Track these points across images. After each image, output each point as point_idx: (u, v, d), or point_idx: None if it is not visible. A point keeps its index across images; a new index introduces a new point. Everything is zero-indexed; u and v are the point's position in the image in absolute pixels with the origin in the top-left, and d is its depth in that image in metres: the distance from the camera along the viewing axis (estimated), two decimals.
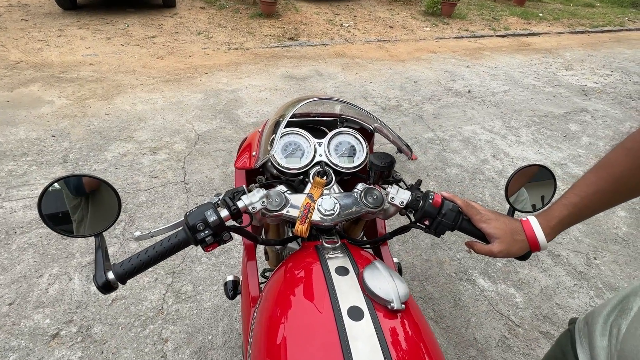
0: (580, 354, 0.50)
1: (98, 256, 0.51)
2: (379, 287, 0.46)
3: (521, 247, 0.55)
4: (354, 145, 0.71)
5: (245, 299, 0.75)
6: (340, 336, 0.41)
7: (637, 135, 0.48)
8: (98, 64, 3.45)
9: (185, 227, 0.52)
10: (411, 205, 0.60)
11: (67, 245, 1.59)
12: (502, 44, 5.32)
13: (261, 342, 0.48)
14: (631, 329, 0.43)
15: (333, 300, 0.46)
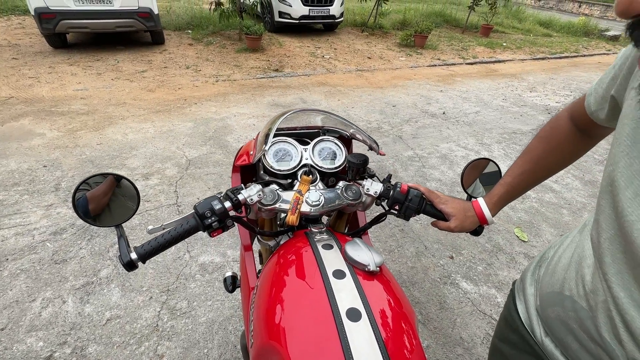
0: (519, 305, 0.60)
1: (121, 243, 0.59)
2: (357, 255, 0.56)
3: (472, 221, 0.67)
4: (334, 150, 0.83)
5: (244, 287, 0.83)
6: (328, 292, 0.50)
7: (546, 127, 0.63)
8: (89, 97, 3.56)
9: (195, 215, 0.61)
10: (383, 194, 0.71)
11: (60, 269, 1.61)
12: (471, 70, 5.76)
13: (261, 313, 0.56)
14: (547, 272, 0.55)
15: (321, 267, 0.55)
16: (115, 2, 4.62)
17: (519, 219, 2.22)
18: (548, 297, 0.52)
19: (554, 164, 0.64)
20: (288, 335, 0.48)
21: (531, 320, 0.57)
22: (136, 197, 0.65)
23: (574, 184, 2.65)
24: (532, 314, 0.56)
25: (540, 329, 0.54)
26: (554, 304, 0.51)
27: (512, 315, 0.61)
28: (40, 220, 1.88)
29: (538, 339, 0.54)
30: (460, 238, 2.01)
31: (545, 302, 0.53)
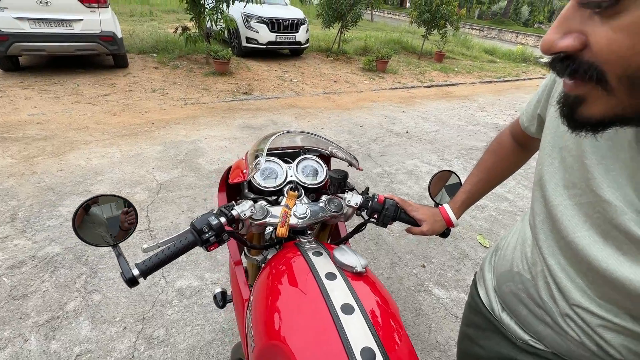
0: (480, 291, 0.70)
1: (121, 260, 0.60)
2: (345, 259, 0.63)
3: (441, 225, 0.77)
4: (315, 167, 0.91)
5: (238, 300, 0.85)
6: (322, 292, 0.56)
7: (494, 142, 0.76)
8: (46, 122, 3.38)
9: (193, 230, 0.64)
10: (363, 205, 0.79)
11: (19, 305, 1.49)
12: (429, 93, 6.23)
13: (261, 317, 0.60)
14: (500, 257, 0.66)
15: (313, 271, 0.61)
16: (75, 25, 4.50)
17: (480, 227, 2.41)
18: (502, 276, 0.63)
19: (502, 173, 0.77)
20: (288, 333, 0.53)
21: (490, 300, 0.66)
22: (134, 217, 0.67)
23: (524, 193, 2.93)
24: (491, 295, 0.66)
25: (498, 305, 0.64)
26: (507, 280, 0.61)
27: (475, 300, 0.71)
28: None
29: (497, 315, 0.64)
30: (430, 247, 2.14)
31: (500, 280, 0.64)
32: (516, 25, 23.58)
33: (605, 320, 0.45)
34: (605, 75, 0.29)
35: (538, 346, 0.57)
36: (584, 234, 0.44)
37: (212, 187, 2.53)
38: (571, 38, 0.30)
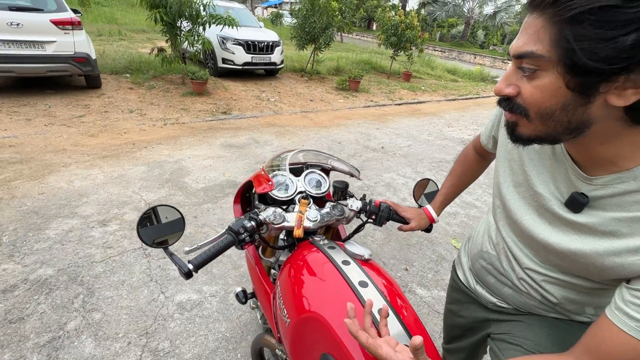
0: (459, 272, 0.90)
1: (175, 259, 0.72)
2: (355, 250, 0.79)
3: (425, 222, 0.97)
4: (319, 179, 1.06)
5: (263, 294, 0.96)
6: (341, 274, 0.71)
7: (461, 155, 0.97)
8: (20, 145, 3.29)
9: (231, 232, 0.77)
10: (363, 209, 0.96)
11: (17, 328, 1.49)
12: (399, 110, 6.65)
13: (292, 298, 0.73)
14: (472, 243, 0.85)
15: (331, 260, 0.75)
16: (47, 47, 4.44)
17: (454, 232, 2.65)
18: (474, 256, 0.82)
19: (469, 178, 0.98)
20: (319, 305, 0.67)
21: (467, 277, 0.85)
22: (182, 224, 0.79)
23: (490, 200, 3.24)
24: (467, 273, 0.86)
25: (472, 279, 0.83)
26: (478, 258, 0.80)
27: (455, 281, 0.89)
28: None
29: (472, 287, 0.83)
30: (411, 252, 2.33)
31: (473, 260, 0.83)
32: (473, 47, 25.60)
33: (546, 276, 0.64)
34: (528, 112, 0.48)
35: (503, 305, 0.76)
36: (527, 217, 0.64)
37: (201, 204, 2.59)
38: (511, 88, 0.49)
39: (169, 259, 0.74)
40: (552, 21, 0.41)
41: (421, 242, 2.48)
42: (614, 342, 0.49)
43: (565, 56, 0.41)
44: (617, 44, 0.37)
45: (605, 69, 0.39)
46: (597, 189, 0.52)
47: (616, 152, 0.48)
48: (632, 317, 0.47)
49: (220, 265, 2.00)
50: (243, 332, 1.60)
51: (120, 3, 17.08)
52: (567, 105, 0.44)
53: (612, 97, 0.41)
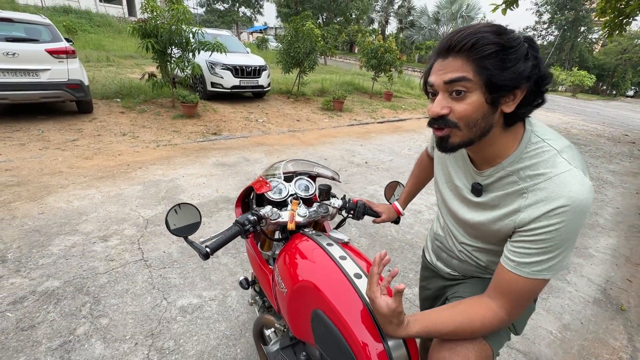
0: (426, 254, 1.11)
1: (194, 245, 0.90)
2: (337, 235, 1.00)
3: (394, 215, 1.19)
4: (307, 184, 1.28)
5: (263, 276, 1.14)
6: (327, 252, 0.91)
7: (419, 159, 1.20)
8: (16, 169, 3.39)
9: (238, 224, 0.97)
10: (343, 206, 1.17)
11: (29, 335, 1.60)
12: (382, 128, 7.02)
13: (287, 271, 0.93)
14: (432, 229, 1.07)
15: (319, 244, 0.96)
16: (42, 74, 4.61)
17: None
18: (433, 239, 1.05)
19: (425, 177, 1.22)
20: (309, 274, 0.86)
21: (430, 256, 1.07)
22: (199, 218, 0.99)
23: None
24: (430, 253, 1.08)
25: (433, 257, 1.05)
26: (435, 239, 1.03)
27: (424, 261, 1.11)
28: None
29: (434, 263, 1.04)
30: (394, 255, 2.54)
31: (432, 241, 1.06)
32: None
33: (473, 246, 0.87)
34: (458, 124, 0.70)
35: (454, 274, 0.98)
36: (453, 203, 0.87)
37: None
38: (445, 109, 0.70)
39: (189, 246, 0.93)
40: (470, 59, 0.63)
41: (403, 246, 2.69)
42: (504, 279, 0.72)
43: (486, 79, 0.63)
44: (519, 69, 0.61)
45: (509, 86, 0.62)
46: (485, 179, 0.77)
47: (495, 151, 0.73)
48: (511, 260, 0.70)
49: (217, 272, 2.15)
50: (241, 330, 1.75)
51: (107, 30, 17.41)
52: (485, 114, 0.67)
53: (504, 107, 0.66)
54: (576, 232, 0.66)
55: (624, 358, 1.88)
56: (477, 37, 0.61)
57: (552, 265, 0.68)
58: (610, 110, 18.54)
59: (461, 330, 0.73)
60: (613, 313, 2.24)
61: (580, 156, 0.71)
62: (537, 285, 0.70)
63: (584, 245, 3.09)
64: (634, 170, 6.06)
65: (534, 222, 0.67)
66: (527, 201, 0.69)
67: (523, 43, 0.62)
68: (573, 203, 0.63)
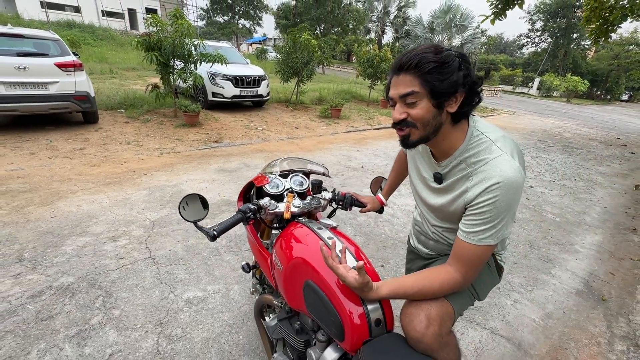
0: (410, 240, 1.26)
1: (203, 230, 1.05)
2: (326, 221, 1.15)
3: (377, 205, 1.35)
4: (301, 180, 1.43)
5: (262, 259, 1.29)
6: (317, 235, 1.06)
7: (397, 156, 1.37)
8: (27, 176, 3.55)
9: (241, 212, 1.12)
10: (333, 199, 1.33)
11: (48, 324, 1.73)
12: (378, 134, 7.21)
13: (284, 251, 1.07)
14: (413, 218, 1.22)
15: (312, 229, 1.11)
16: (50, 87, 4.81)
17: None
18: (414, 225, 1.21)
19: (403, 171, 1.37)
20: (302, 252, 1.02)
21: (413, 240, 1.23)
22: (207, 206, 1.14)
23: None
24: (412, 237, 1.23)
25: (415, 241, 1.20)
26: (415, 225, 1.18)
27: (409, 247, 1.27)
28: (12, 288, 1.95)
29: (415, 246, 1.20)
30: (386, 252, 2.68)
31: (414, 227, 1.22)
32: None
33: (443, 227, 1.02)
34: (416, 124, 0.87)
35: (432, 253, 1.13)
36: (423, 192, 1.03)
37: None
38: (404, 114, 0.88)
39: (199, 230, 1.08)
40: (416, 75, 0.81)
41: (396, 243, 2.83)
42: (459, 247, 0.88)
43: (429, 89, 0.80)
44: (452, 79, 0.78)
45: (449, 92, 0.79)
46: (443, 168, 0.93)
47: (448, 145, 0.89)
48: (463, 231, 0.87)
49: (220, 268, 2.29)
50: (243, 319, 1.88)
51: (110, 43, 17.81)
52: (435, 115, 0.84)
53: (449, 108, 0.82)
54: (510, 204, 0.82)
55: (602, 343, 2.01)
56: (419, 57, 0.79)
57: (494, 233, 0.84)
58: (604, 114, 18.82)
59: (424, 291, 0.88)
60: (594, 303, 2.37)
61: (512, 143, 0.88)
62: (484, 250, 0.86)
63: (570, 242, 3.23)
64: (623, 172, 6.23)
65: (477, 198, 0.83)
66: (472, 182, 0.85)
67: (455, 58, 0.79)
68: (504, 180, 0.80)
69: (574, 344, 1.97)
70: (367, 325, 0.86)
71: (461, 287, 0.90)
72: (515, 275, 2.58)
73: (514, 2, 6.97)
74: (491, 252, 0.88)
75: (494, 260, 1.09)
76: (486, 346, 1.89)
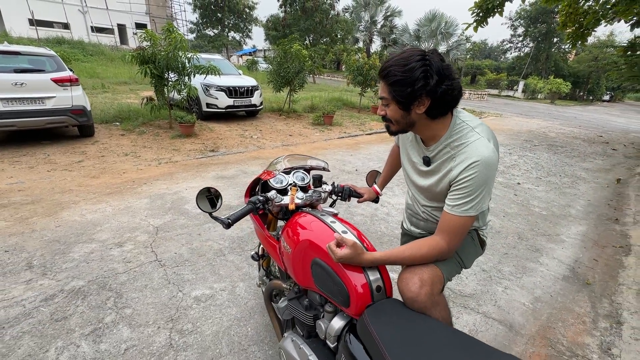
0: (404, 224, 1.40)
1: (218, 219, 1.17)
2: (328, 209, 1.27)
3: (373, 195, 1.49)
4: (303, 176, 1.56)
5: (270, 247, 1.40)
6: (321, 220, 1.19)
7: (391, 150, 1.51)
8: (28, 189, 3.61)
9: (251, 202, 1.24)
10: (332, 191, 1.46)
11: (63, 324, 1.81)
12: (370, 139, 7.40)
13: (292, 237, 1.19)
14: (405, 201, 1.36)
15: (315, 215, 1.23)
16: (47, 102, 4.89)
17: None
18: (406, 208, 1.34)
19: (397, 164, 1.52)
20: (308, 235, 1.14)
21: (406, 223, 1.36)
22: (220, 198, 1.26)
23: None
24: (406, 221, 1.37)
25: (407, 223, 1.34)
26: (407, 208, 1.32)
27: (403, 230, 1.40)
28: (25, 292, 2.02)
29: (408, 228, 1.34)
30: (383, 248, 2.80)
31: (405, 211, 1.36)
32: None
33: (432, 207, 1.16)
34: (391, 120, 1.03)
35: (423, 233, 1.26)
36: (413, 175, 1.17)
37: (202, 225, 2.99)
38: (383, 112, 1.04)
39: (214, 220, 1.19)
40: (386, 84, 0.99)
41: (392, 239, 2.96)
42: (444, 219, 1.02)
43: (393, 96, 0.97)
44: (408, 90, 0.93)
45: (410, 99, 0.95)
46: (431, 152, 1.08)
47: (432, 133, 1.04)
48: (448, 205, 1.01)
49: (225, 268, 2.38)
50: (250, 313, 1.98)
51: (100, 58, 17.87)
52: (403, 115, 1.01)
53: (416, 109, 0.98)
54: (487, 179, 0.97)
55: (587, 322, 2.15)
56: (388, 71, 0.97)
57: (474, 205, 0.98)
58: (587, 114, 19.45)
59: (414, 255, 1.02)
60: (579, 287, 2.52)
61: (488, 130, 1.04)
62: (466, 221, 0.99)
63: (556, 233, 3.40)
64: (605, 167, 6.50)
65: (460, 175, 0.98)
66: (455, 162, 1.00)
67: (417, 70, 0.92)
68: (481, 159, 0.94)
69: (561, 324, 2.10)
70: (369, 292, 0.98)
71: (446, 253, 1.03)
72: (506, 265, 2.73)
73: (494, 11, 7.31)
74: (472, 223, 1.02)
75: (477, 234, 1.23)
76: (480, 328, 2.01)
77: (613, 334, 2.04)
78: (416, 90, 0.93)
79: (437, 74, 0.92)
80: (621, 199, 4.69)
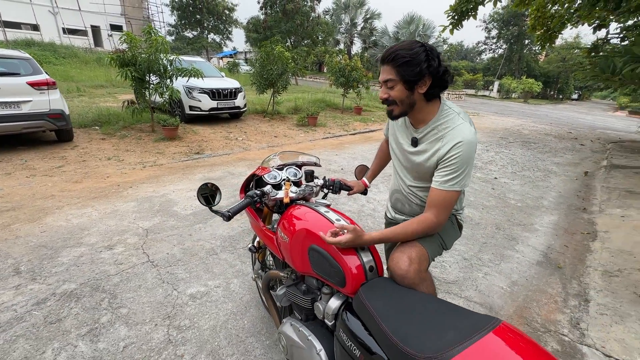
0: (387, 213, 1.51)
1: (218, 213, 1.24)
2: (321, 201, 1.37)
3: (362, 187, 1.59)
4: (295, 172, 1.65)
5: (266, 237, 1.48)
6: (315, 210, 1.28)
7: (380, 145, 1.62)
8: (7, 195, 3.50)
9: (249, 196, 1.32)
10: (323, 185, 1.55)
11: (58, 326, 1.81)
12: (354, 139, 7.55)
13: (289, 226, 1.27)
14: (390, 187, 1.48)
15: (309, 206, 1.32)
16: (23, 106, 4.74)
17: None
18: (391, 194, 1.44)
19: (385, 157, 1.63)
20: (304, 223, 1.22)
21: (390, 213, 1.47)
22: (219, 194, 1.33)
23: None
24: (390, 209, 1.48)
25: (392, 212, 1.44)
26: (393, 194, 1.43)
27: (387, 220, 1.51)
28: (15, 297, 2.00)
29: (393, 216, 1.44)
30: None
31: (391, 196, 1.45)
32: None
33: (417, 187, 1.28)
34: (395, 101, 1.14)
35: (407, 218, 1.37)
36: (401, 156, 1.30)
37: (193, 225, 3.01)
38: (386, 95, 1.15)
39: (214, 214, 1.26)
40: (393, 67, 1.09)
41: None
42: (433, 194, 1.14)
43: (401, 77, 1.08)
44: (417, 70, 1.05)
45: (415, 79, 1.06)
46: (419, 134, 1.20)
47: (423, 116, 1.17)
48: (436, 181, 1.14)
49: (218, 266, 2.43)
50: (246, 307, 2.04)
51: (73, 61, 17.26)
52: (408, 95, 1.12)
53: (419, 89, 1.10)
54: (470, 158, 1.11)
55: (559, 301, 2.34)
56: (395, 54, 1.08)
57: (459, 181, 1.12)
58: (557, 112, 20.47)
59: (406, 230, 1.14)
60: (552, 270, 2.72)
61: (468, 116, 1.18)
62: (452, 195, 1.12)
63: (531, 223, 3.63)
64: (575, 161, 6.92)
65: (447, 154, 1.12)
66: (442, 142, 1.14)
67: (421, 54, 1.06)
68: (464, 139, 1.09)
69: (535, 304, 2.28)
70: (363, 272, 1.08)
71: (435, 227, 1.15)
72: (485, 253, 2.90)
73: (468, 14, 7.64)
74: (457, 198, 1.15)
75: (455, 218, 1.36)
76: None
77: (581, 310, 2.23)
78: (422, 70, 1.06)
79: (437, 57, 1.09)
80: (588, 190, 5.03)
